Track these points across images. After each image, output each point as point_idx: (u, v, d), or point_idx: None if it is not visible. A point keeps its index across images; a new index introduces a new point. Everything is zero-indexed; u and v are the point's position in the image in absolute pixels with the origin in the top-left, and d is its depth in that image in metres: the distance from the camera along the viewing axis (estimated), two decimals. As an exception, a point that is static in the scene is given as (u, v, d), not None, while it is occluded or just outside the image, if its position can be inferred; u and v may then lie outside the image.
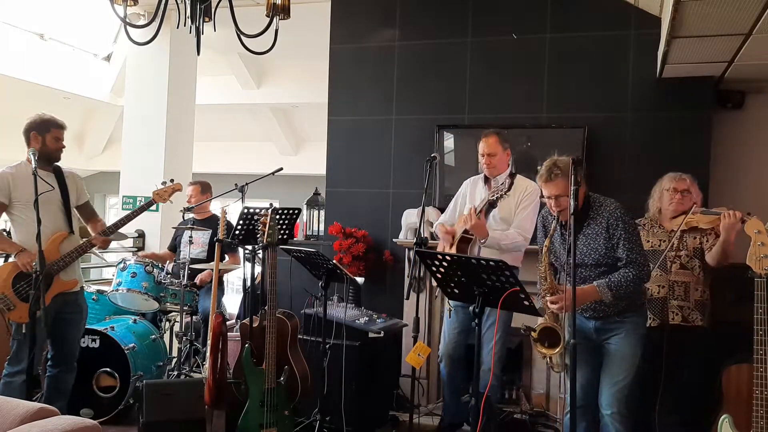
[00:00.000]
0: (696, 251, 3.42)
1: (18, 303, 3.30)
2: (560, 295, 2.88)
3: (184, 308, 4.36)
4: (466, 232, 3.48)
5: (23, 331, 3.31)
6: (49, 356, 3.55)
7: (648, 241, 3.46)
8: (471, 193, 3.80)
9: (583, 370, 3.00)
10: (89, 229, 3.71)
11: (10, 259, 3.44)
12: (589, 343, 2.99)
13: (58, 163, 3.57)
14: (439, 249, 3.89)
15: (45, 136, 3.47)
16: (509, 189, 3.28)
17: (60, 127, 3.53)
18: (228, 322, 4.87)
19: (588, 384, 3.02)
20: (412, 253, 4.51)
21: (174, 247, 5.09)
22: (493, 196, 3.36)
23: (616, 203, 2.97)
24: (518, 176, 3.72)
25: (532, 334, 2.97)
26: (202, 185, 5.04)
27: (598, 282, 2.89)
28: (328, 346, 3.69)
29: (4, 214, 3.45)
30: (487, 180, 3.74)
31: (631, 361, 2.95)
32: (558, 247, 3.05)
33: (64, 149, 3.56)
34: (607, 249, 2.92)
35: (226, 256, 4.72)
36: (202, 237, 4.84)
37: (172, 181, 3.92)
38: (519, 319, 3.24)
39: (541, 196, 3.14)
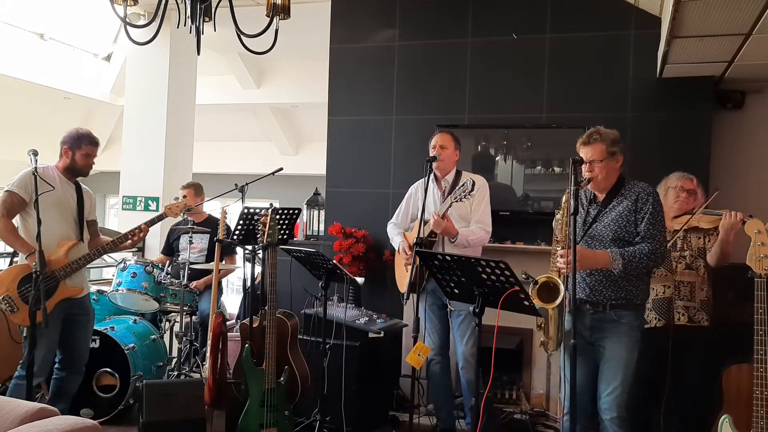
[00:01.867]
0: (700, 251, 3.42)
1: (21, 305, 3.28)
2: (570, 251, 2.73)
3: (184, 308, 4.36)
4: (430, 235, 3.50)
5: (25, 335, 3.32)
6: (56, 360, 3.53)
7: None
8: (422, 196, 3.81)
9: (578, 373, 2.95)
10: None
11: (17, 261, 3.44)
12: (582, 341, 2.87)
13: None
14: (398, 265, 3.95)
15: (75, 152, 3.52)
16: (472, 189, 3.30)
17: (92, 143, 3.57)
18: (228, 322, 4.87)
19: (582, 387, 2.92)
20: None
21: (168, 250, 5.08)
22: (456, 198, 3.38)
23: (648, 184, 2.95)
24: (464, 172, 3.81)
25: (533, 287, 2.85)
26: (195, 188, 5.02)
27: (612, 249, 2.81)
28: (328, 346, 3.70)
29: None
30: (436, 179, 3.77)
31: (628, 364, 2.87)
32: (579, 221, 2.92)
33: (91, 167, 3.61)
34: (628, 223, 2.85)
35: (223, 258, 4.72)
36: (200, 243, 4.82)
37: (185, 197, 4.14)
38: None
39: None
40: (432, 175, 3.77)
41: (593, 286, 2.89)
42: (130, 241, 3.65)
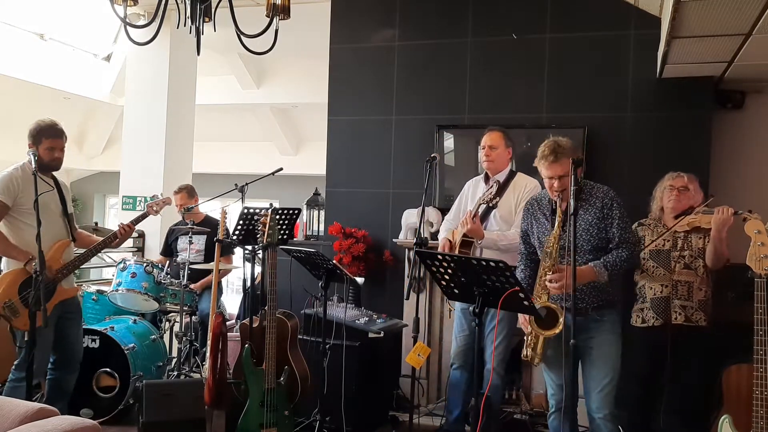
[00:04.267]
0: (700, 251, 3.42)
1: (23, 310, 3.23)
2: (561, 274, 2.81)
3: (184, 308, 4.36)
4: (465, 235, 3.48)
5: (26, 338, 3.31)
6: (51, 359, 3.51)
7: (652, 241, 3.46)
8: (473, 194, 3.79)
9: (561, 373, 2.95)
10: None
11: (12, 266, 3.35)
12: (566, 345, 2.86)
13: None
14: None
15: (38, 147, 3.32)
16: (497, 194, 3.28)
17: (54, 136, 3.36)
18: (228, 322, 4.87)
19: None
20: (412, 253, 4.51)
21: (167, 251, 5.07)
22: (483, 201, 3.36)
23: (608, 188, 2.99)
24: (519, 174, 3.72)
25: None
26: (188, 190, 5.01)
27: (595, 262, 2.87)
28: (328, 346, 3.70)
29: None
30: (487, 179, 3.73)
31: (614, 360, 2.93)
32: (551, 234, 2.95)
33: (59, 160, 3.41)
34: (599, 230, 2.91)
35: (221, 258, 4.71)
36: (197, 243, 4.81)
37: (161, 195, 4.05)
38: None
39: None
40: (483, 174, 3.75)
41: (576, 296, 2.87)
42: (118, 240, 3.63)
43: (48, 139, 3.36)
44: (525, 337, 3.02)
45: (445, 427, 3.85)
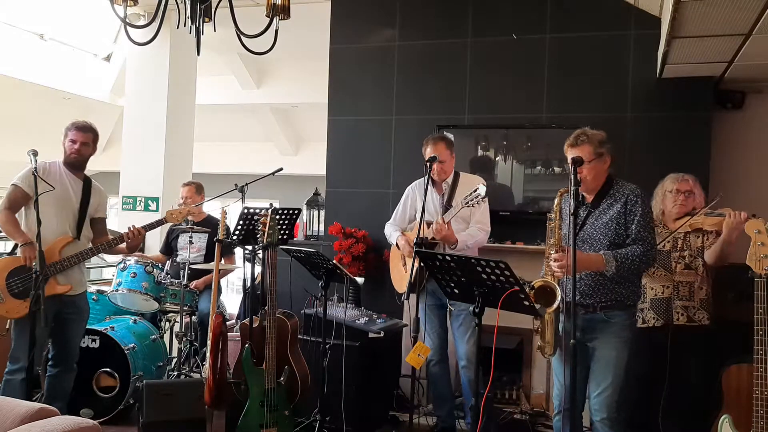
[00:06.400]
0: (700, 251, 3.42)
1: (7, 297, 3.28)
2: (564, 254, 2.78)
3: (184, 308, 4.36)
4: (433, 238, 3.53)
5: (9, 327, 3.34)
6: (49, 356, 3.53)
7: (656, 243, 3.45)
8: (420, 197, 3.80)
9: (569, 374, 2.96)
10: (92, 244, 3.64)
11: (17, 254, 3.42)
12: (574, 342, 2.82)
13: (88, 174, 3.60)
14: (393, 266, 3.98)
15: (64, 141, 3.49)
16: (485, 196, 3.31)
17: (76, 128, 3.47)
18: (228, 322, 4.87)
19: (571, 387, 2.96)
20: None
21: (167, 250, 5.07)
22: (468, 204, 3.39)
23: (636, 186, 2.96)
24: (462, 174, 3.83)
25: (529, 292, 2.81)
26: (196, 186, 4.99)
27: (605, 252, 2.82)
28: (328, 346, 3.70)
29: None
30: (434, 183, 3.77)
31: (618, 365, 2.87)
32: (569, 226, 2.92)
33: (79, 153, 3.49)
34: (618, 225, 2.86)
35: (222, 258, 4.70)
36: (198, 242, 4.81)
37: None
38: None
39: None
40: (428, 178, 3.77)
41: (583, 291, 2.90)
42: (125, 244, 3.63)
43: (71, 132, 3.48)
44: (533, 325, 2.98)
45: (440, 425, 3.86)
